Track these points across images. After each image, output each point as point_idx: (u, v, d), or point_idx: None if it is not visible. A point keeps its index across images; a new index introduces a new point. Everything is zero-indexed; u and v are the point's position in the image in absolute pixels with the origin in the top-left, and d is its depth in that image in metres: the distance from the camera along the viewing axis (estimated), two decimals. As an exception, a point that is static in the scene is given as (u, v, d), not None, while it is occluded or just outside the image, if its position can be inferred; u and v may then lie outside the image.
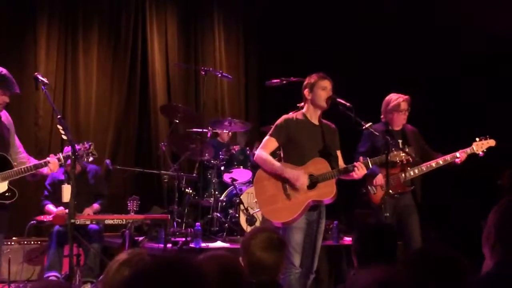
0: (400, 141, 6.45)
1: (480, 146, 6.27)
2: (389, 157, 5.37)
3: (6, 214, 5.17)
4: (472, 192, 7.98)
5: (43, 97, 8.54)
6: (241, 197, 8.02)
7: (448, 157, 6.26)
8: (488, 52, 8.28)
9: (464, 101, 8.47)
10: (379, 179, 6.18)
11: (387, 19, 9.37)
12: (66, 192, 4.96)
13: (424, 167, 6.26)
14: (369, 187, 6.31)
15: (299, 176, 5.22)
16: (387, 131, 6.48)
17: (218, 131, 9.06)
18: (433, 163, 6.26)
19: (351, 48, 9.83)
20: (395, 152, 5.50)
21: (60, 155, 5.29)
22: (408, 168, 6.25)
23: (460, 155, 6.22)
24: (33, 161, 5.48)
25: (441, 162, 6.26)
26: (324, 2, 10.16)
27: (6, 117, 5.32)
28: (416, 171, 6.25)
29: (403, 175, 6.23)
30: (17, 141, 5.40)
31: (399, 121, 6.48)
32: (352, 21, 9.91)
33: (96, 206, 7.35)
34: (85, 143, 5.53)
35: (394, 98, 6.50)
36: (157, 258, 2.06)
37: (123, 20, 9.75)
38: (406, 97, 6.49)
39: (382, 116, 6.60)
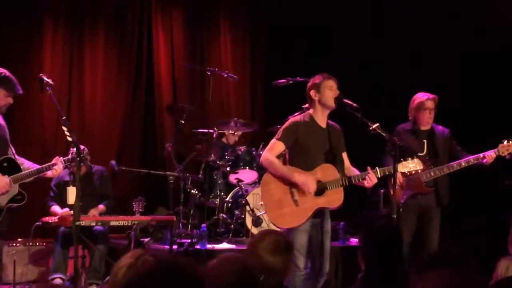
0: (425, 141, 6.43)
1: (506, 148, 6.18)
2: (397, 167, 5.33)
3: (9, 217, 5.16)
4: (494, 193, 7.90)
5: (48, 98, 8.50)
6: (247, 198, 7.99)
7: (471, 159, 6.21)
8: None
9: (491, 102, 8.36)
10: (398, 178, 6.13)
11: (404, 19, 9.31)
12: (71, 194, 4.95)
13: (446, 168, 6.21)
14: (389, 187, 6.28)
15: (308, 181, 5.18)
16: (413, 131, 6.47)
17: (224, 131, 9.02)
18: (455, 165, 6.22)
19: (364, 50, 9.80)
20: (403, 163, 5.45)
21: (61, 159, 5.28)
22: (429, 168, 6.20)
23: (485, 157, 6.16)
24: (27, 163, 5.47)
25: (464, 164, 6.21)
26: (332, 2, 10.12)
27: (2, 119, 5.31)
28: (438, 172, 6.21)
29: (424, 175, 6.19)
30: (10, 145, 5.40)
31: (425, 120, 6.45)
32: (364, 21, 9.89)
33: (101, 207, 7.32)
34: (86, 148, 5.55)
35: (420, 96, 6.48)
36: (158, 261, 2.06)
37: (129, 20, 9.71)
38: (433, 96, 6.46)
39: (409, 115, 6.58)
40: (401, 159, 5.44)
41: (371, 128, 5.33)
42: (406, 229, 6.19)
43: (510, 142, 6.19)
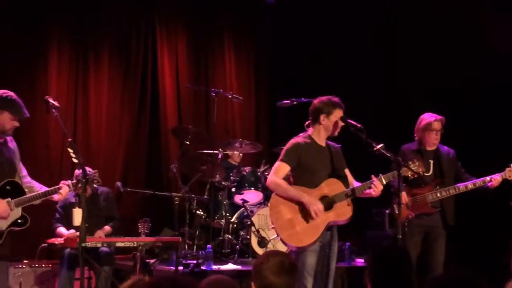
0: (431, 161, 6.44)
1: None
2: (401, 173, 5.33)
3: (11, 240, 5.16)
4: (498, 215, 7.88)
5: (54, 120, 8.55)
6: (252, 218, 8.00)
7: (478, 182, 6.22)
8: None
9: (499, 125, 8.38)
10: (403, 197, 6.13)
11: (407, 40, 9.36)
12: (77, 215, 4.96)
13: (452, 189, 6.23)
14: (394, 206, 6.28)
15: (316, 204, 5.20)
16: (418, 151, 6.48)
17: (229, 152, 9.05)
18: (461, 186, 6.23)
19: (365, 68, 9.85)
20: (404, 168, 5.46)
21: (69, 182, 5.29)
22: (435, 189, 6.22)
23: (492, 180, 6.17)
24: (38, 185, 5.48)
25: (470, 186, 6.23)
26: (335, 25, 10.18)
27: (10, 139, 5.32)
28: (444, 193, 6.22)
29: (430, 196, 6.20)
30: (21, 166, 5.40)
31: (431, 140, 6.47)
32: (367, 40, 9.95)
33: (107, 228, 7.32)
34: (91, 170, 5.55)
35: (427, 117, 6.49)
36: (157, 279, 2.09)
37: (133, 42, 9.78)
38: (440, 117, 6.48)
39: (415, 135, 6.59)
40: (403, 163, 5.44)
41: (375, 149, 5.33)
42: (411, 249, 6.18)
43: None
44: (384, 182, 5.43)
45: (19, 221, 5.02)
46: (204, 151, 8.65)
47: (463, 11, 8.58)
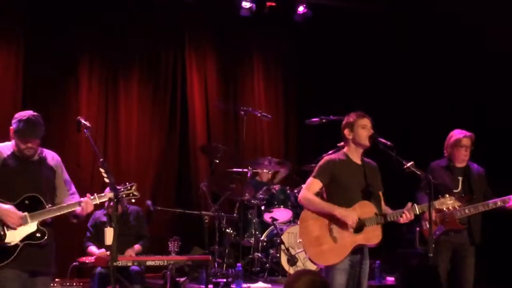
0: (460, 178, 6.40)
1: None
2: (435, 205, 5.31)
3: (43, 253, 5.16)
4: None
5: (85, 139, 8.66)
6: (282, 237, 7.98)
7: (498, 201, 6.16)
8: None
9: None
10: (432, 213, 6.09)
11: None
12: (109, 235, 4.96)
13: (481, 206, 6.14)
14: (422, 223, 6.24)
15: (350, 213, 5.17)
16: (448, 167, 6.44)
17: (258, 170, 9.06)
18: (490, 203, 6.15)
19: (393, 85, 9.85)
20: (441, 200, 5.41)
21: (96, 195, 5.30)
22: (464, 206, 6.15)
23: (510, 200, 6.11)
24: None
25: (499, 203, 6.15)
26: (363, 40, 10.20)
27: (52, 158, 5.35)
28: (472, 209, 6.15)
29: (458, 213, 6.14)
30: (67, 183, 5.42)
31: (460, 157, 6.42)
32: (393, 57, 9.94)
33: (137, 247, 7.35)
34: (127, 184, 5.54)
35: (457, 133, 6.46)
36: None
37: (163, 61, 9.89)
38: (470, 133, 6.44)
39: (444, 151, 6.56)
40: (439, 196, 5.41)
41: (405, 167, 5.29)
42: (440, 267, 6.13)
43: None
44: (418, 212, 5.38)
45: (36, 235, 5.04)
46: (233, 169, 8.68)
47: (488, 24, 8.55)
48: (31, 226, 5.00)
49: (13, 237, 4.95)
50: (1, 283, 4.87)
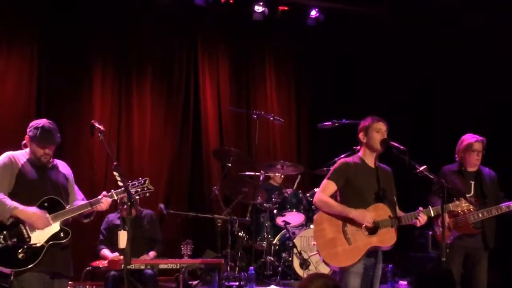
0: (472, 182, 6.38)
1: None
2: (450, 207, 5.33)
3: (64, 255, 5.21)
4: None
5: (98, 142, 8.70)
6: (294, 240, 7.99)
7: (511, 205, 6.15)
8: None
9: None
10: (445, 218, 6.07)
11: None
12: (122, 238, 5.00)
13: (494, 210, 6.12)
14: (435, 228, 6.23)
15: (366, 214, 5.19)
16: (459, 171, 6.43)
17: (271, 174, 9.06)
18: (504, 206, 6.13)
19: (405, 90, 9.82)
20: (456, 202, 5.42)
21: (113, 192, 5.35)
22: (477, 210, 6.13)
23: None
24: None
25: (504, 209, 6.13)
26: (376, 42, 10.19)
27: (63, 166, 5.42)
28: (486, 213, 6.13)
29: (471, 217, 6.12)
30: (77, 191, 5.48)
31: (472, 161, 6.41)
32: (405, 63, 9.92)
33: (152, 253, 7.35)
34: (140, 179, 5.58)
35: (468, 138, 6.45)
36: None
37: (176, 66, 9.93)
38: (482, 138, 6.43)
39: (456, 155, 6.55)
40: (454, 199, 5.41)
41: (418, 171, 5.30)
42: (453, 271, 6.11)
43: None
44: (432, 215, 5.40)
45: (60, 234, 5.09)
46: (246, 173, 8.68)
47: (497, 32, 8.54)
48: (55, 227, 5.07)
49: (39, 238, 5.01)
50: (26, 285, 4.93)
